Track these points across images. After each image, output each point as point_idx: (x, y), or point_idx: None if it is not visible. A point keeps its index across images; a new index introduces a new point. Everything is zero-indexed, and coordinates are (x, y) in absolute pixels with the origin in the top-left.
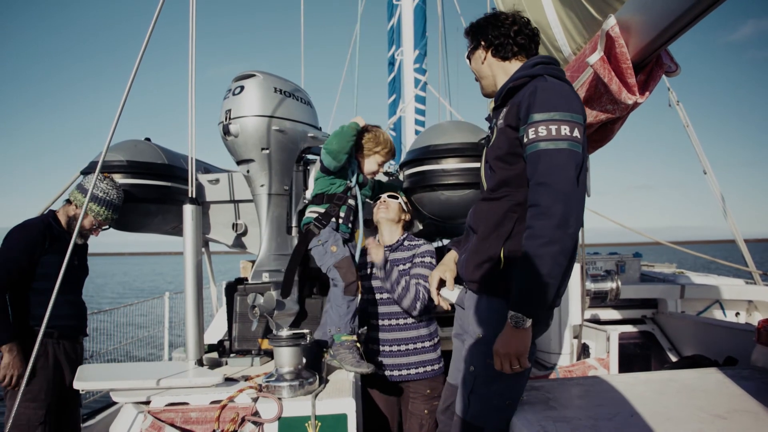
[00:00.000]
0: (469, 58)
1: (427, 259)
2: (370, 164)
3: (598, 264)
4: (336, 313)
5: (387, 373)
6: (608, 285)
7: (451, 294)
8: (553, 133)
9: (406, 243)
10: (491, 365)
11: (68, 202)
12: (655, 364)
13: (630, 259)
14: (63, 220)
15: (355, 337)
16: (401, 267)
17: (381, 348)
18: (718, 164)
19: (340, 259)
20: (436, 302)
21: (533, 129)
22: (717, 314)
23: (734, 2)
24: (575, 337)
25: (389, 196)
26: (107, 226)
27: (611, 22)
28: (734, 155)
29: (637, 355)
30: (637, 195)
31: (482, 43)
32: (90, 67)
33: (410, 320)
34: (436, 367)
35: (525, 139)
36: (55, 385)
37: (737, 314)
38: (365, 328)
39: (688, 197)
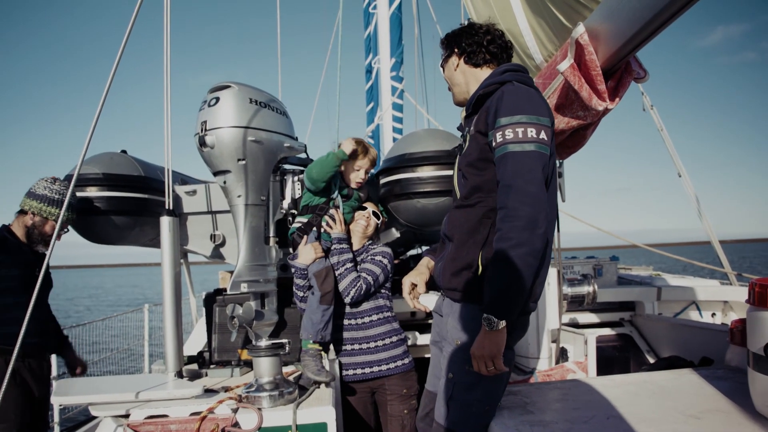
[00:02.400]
0: (442, 66)
1: (378, 258)
2: (349, 171)
3: (575, 268)
4: (309, 320)
5: (359, 371)
6: (585, 289)
7: (428, 300)
8: (520, 135)
9: (369, 246)
10: (470, 372)
11: (22, 212)
12: (633, 366)
13: (607, 262)
14: (20, 231)
15: (319, 347)
16: (360, 266)
17: (352, 347)
18: (693, 166)
19: (320, 269)
20: (412, 307)
21: (500, 132)
22: (693, 315)
23: (703, 9)
24: (553, 341)
25: (374, 213)
26: (67, 229)
27: (580, 30)
28: (708, 157)
29: (616, 358)
30: (614, 198)
31: (456, 50)
32: (64, 79)
33: (374, 318)
34: (406, 361)
35: (493, 143)
36: (24, 405)
37: (713, 315)
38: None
39: (664, 199)
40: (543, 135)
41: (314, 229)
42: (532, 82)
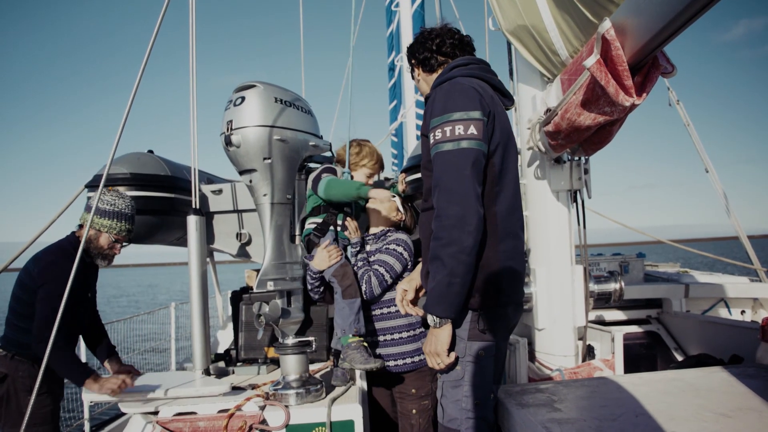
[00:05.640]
0: (413, 78)
1: (392, 246)
2: (358, 177)
3: (601, 265)
4: (339, 316)
5: None
6: (612, 286)
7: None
8: (448, 134)
9: (387, 234)
10: (454, 370)
11: (80, 227)
12: (660, 364)
13: (633, 259)
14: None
15: (360, 338)
16: (373, 257)
17: (371, 339)
18: (720, 161)
19: (336, 268)
20: (402, 312)
21: (432, 133)
22: (722, 313)
23: (726, 3)
24: (580, 339)
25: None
26: (126, 242)
27: (606, 25)
28: (734, 152)
29: (643, 356)
30: (639, 194)
31: (413, 61)
32: (90, 75)
33: (385, 311)
34: (416, 359)
35: (431, 145)
36: (53, 409)
37: (743, 312)
38: None
39: (690, 195)
40: (472, 130)
41: (331, 228)
42: (480, 73)
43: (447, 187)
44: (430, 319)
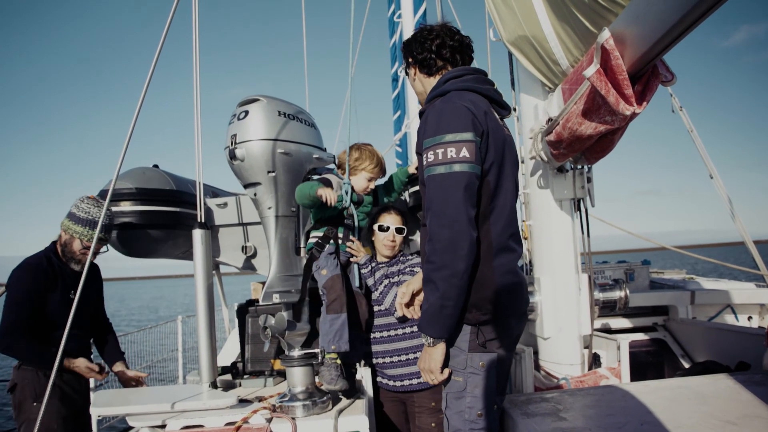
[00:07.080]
0: (407, 74)
1: (417, 269)
2: (358, 181)
3: (606, 273)
4: (321, 331)
5: (390, 383)
6: (617, 294)
7: None
8: (440, 157)
9: (401, 258)
10: (455, 382)
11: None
12: (667, 372)
13: (639, 266)
14: (59, 250)
15: (335, 355)
16: (396, 279)
17: (383, 360)
18: (726, 165)
19: (326, 280)
20: (399, 314)
21: (425, 155)
22: (729, 319)
23: (727, 10)
24: (586, 347)
25: (397, 230)
26: (105, 248)
27: (605, 35)
28: (738, 157)
29: (650, 363)
30: (643, 200)
31: (410, 60)
32: (92, 88)
33: (407, 330)
34: None
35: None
36: (65, 415)
37: (749, 318)
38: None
39: (695, 201)
40: (464, 152)
41: (331, 242)
42: (474, 84)
43: (439, 210)
44: (423, 338)
